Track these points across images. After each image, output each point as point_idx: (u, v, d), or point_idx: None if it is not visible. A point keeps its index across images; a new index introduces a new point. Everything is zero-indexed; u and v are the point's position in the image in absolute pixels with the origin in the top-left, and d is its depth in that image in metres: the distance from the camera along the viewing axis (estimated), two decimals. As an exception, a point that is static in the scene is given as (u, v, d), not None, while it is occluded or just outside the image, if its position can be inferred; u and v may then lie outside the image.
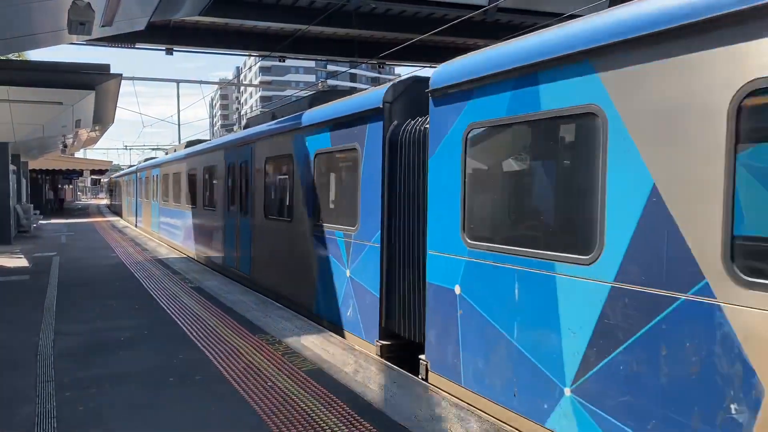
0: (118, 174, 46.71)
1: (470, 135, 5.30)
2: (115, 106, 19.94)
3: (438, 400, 5.55)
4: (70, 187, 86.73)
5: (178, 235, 18.08)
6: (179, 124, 37.00)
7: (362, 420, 5.07)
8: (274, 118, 11.35)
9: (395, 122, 6.77)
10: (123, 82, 16.75)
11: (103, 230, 26.15)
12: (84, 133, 25.94)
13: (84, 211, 47.42)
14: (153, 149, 52.66)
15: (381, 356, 6.93)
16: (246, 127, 12.99)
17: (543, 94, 4.47)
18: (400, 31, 18.23)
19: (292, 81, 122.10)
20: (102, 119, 21.49)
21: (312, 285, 8.76)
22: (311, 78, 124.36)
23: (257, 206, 11.17)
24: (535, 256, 4.53)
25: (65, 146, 25.45)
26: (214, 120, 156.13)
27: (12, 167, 22.85)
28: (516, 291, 4.70)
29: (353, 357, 6.89)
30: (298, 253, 9.20)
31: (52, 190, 56.90)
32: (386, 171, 6.77)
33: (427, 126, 6.08)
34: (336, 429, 4.90)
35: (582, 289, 4.12)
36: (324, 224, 8.27)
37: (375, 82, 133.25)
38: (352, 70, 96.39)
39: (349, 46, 19.34)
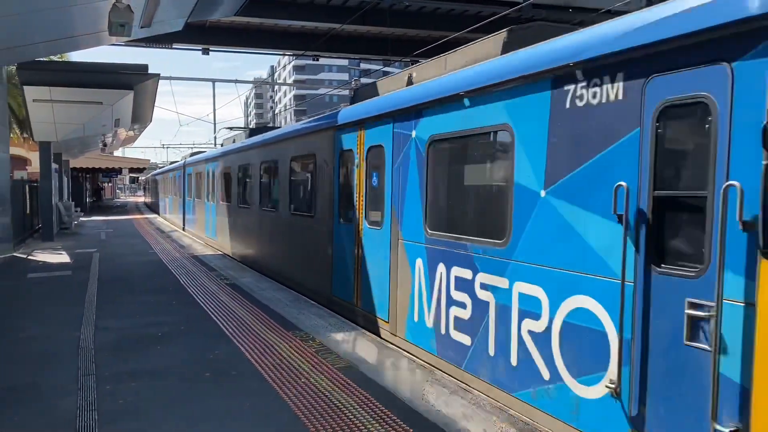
0: (154, 172, 47.49)
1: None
2: (153, 106, 20.34)
3: (474, 399, 5.53)
4: (110, 184, 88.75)
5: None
6: (215, 123, 37.59)
7: (396, 418, 5.09)
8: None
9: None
10: (160, 81, 17.08)
11: (141, 227, 26.69)
12: (123, 132, 26.52)
13: (123, 209, 48.49)
14: (189, 147, 53.45)
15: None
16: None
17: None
18: (433, 28, 18.19)
19: (326, 80, 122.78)
20: (140, 118, 21.93)
21: None
22: (344, 76, 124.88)
23: None
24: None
25: (105, 145, 26.04)
26: (249, 119, 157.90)
27: (54, 166, 23.47)
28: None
29: (386, 354, 6.91)
30: None
31: (92, 187, 58.22)
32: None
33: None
34: (370, 426, 4.93)
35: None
36: None
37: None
38: (385, 68, 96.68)
39: (382, 44, 19.36)
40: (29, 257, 16.28)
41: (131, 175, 75.91)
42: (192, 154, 23.79)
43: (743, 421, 3.50)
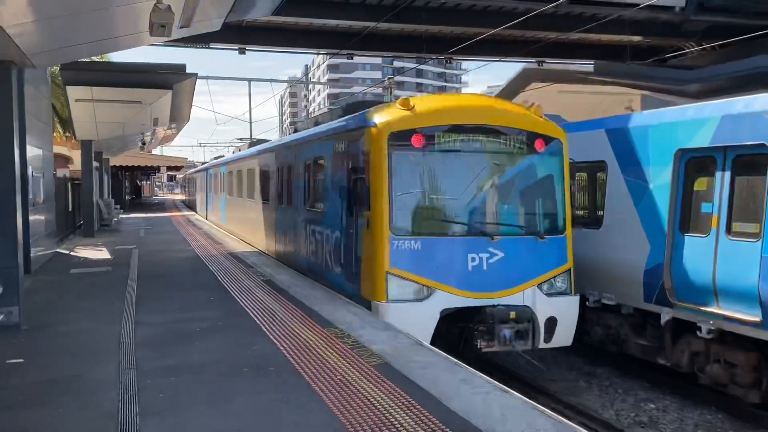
0: (191, 170, 48.18)
1: None
2: (191, 105, 20.62)
3: (513, 399, 5.48)
4: (148, 182, 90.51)
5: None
6: (251, 122, 37.96)
7: (431, 416, 5.06)
8: None
9: None
10: (197, 81, 17.32)
11: (179, 224, 27.14)
12: (161, 131, 26.98)
13: (160, 206, 49.40)
14: (226, 146, 54.31)
15: None
16: None
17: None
18: (468, 25, 18.05)
19: (359, 78, 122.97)
20: (178, 117, 22.26)
21: None
22: (378, 75, 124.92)
23: None
24: None
25: (144, 143, 26.54)
26: (284, 117, 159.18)
27: (95, 164, 24.05)
28: None
29: (421, 352, 6.88)
30: None
31: (131, 185, 59.41)
32: None
33: None
34: (405, 424, 4.92)
35: None
36: None
37: (441, 77, 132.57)
38: (419, 66, 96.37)
39: (416, 42, 19.28)
40: (71, 253, 16.69)
41: (169, 173, 77.26)
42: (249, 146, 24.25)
43: None
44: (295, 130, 15.14)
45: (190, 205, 43.21)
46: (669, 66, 19.44)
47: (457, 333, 7.80)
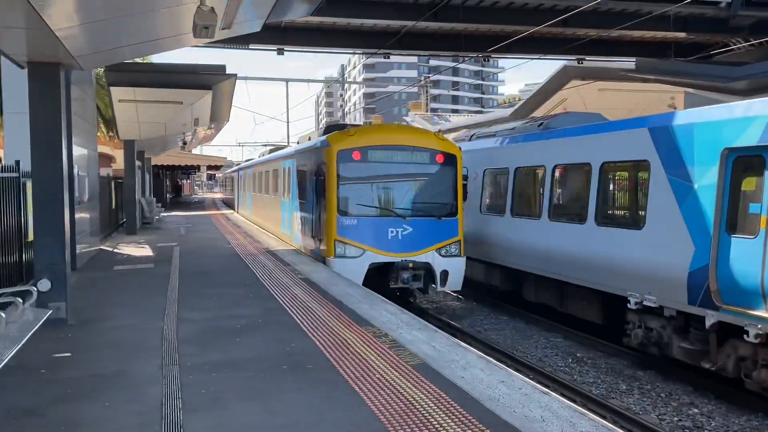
0: (230, 169, 49.00)
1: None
2: (230, 105, 20.91)
3: (550, 401, 5.41)
4: (188, 181, 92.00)
5: None
6: (288, 122, 38.35)
7: (472, 417, 5.03)
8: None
9: None
10: (236, 81, 17.56)
11: (219, 223, 27.55)
12: (201, 131, 27.42)
13: (200, 205, 50.25)
14: (264, 145, 55.26)
15: None
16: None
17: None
18: (507, 23, 17.88)
19: (395, 77, 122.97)
20: (218, 117, 22.61)
21: None
22: (413, 73, 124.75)
23: None
24: None
25: (184, 143, 26.99)
26: (320, 117, 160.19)
27: (137, 163, 24.54)
28: None
29: (460, 352, 6.85)
30: None
31: (171, 184, 60.52)
32: None
33: None
34: (445, 425, 4.89)
35: None
36: None
37: (477, 75, 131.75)
38: (455, 65, 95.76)
39: (454, 41, 19.17)
40: (115, 250, 17.09)
41: (208, 172, 78.52)
42: (271, 151, 26.16)
43: None
44: (297, 143, 20.09)
45: (229, 204, 43.97)
46: (715, 62, 18.93)
47: (379, 278, 11.82)
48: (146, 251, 16.79)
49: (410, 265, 11.99)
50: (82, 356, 6.83)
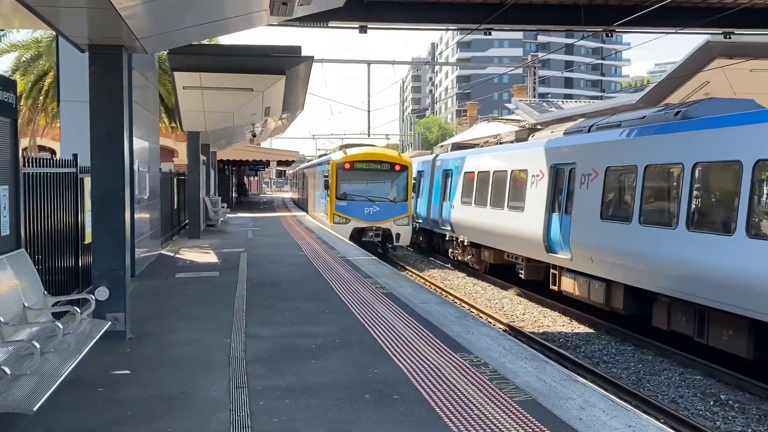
0: (303, 165, 50.21)
1: None
2: (305, 92, 21.36)
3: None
4: (256, 179, 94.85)
5: None
6: (369, 110, 38.74)
7: (591, 467, 4.86)
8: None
9: None
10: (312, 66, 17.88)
11: (289, 226, 28.18)
12: (272, 122, 28.14)
13: (269, 205, 51.58)
14: (340, 138, 56.32)
15: None
16: None
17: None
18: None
19: (495, 57, 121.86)
20: (291, 106, 23.14)
21: None
22: (517, 52, 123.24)
23: None
24: None
25: (254, 135, 27.74)
26: (405, 105, 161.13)
27: (202, 158, 25.44)
28: None
29: (576, 388, 6.65)
30: None
31: (237, 181, 62.47)
32: None
33: None
34: (559, 475, 4.75)
35: None
36: None
37: (596, 54, 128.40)
38: (570, 41, 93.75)
39: (571, 13, 18.65)
40: (176, 255, 17.80)
41: (278, 168, 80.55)
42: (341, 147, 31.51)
43: None
44: (324, 154, 37.58)
45: (301, 205, 45.31)
46: None
47: (359, 236, 23.66)
48: (211, 257, 17.38)
49: (374, 228, 25.02)
50: (142, 374, 7.12)
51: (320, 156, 45.56)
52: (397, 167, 25.85)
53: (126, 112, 8.82)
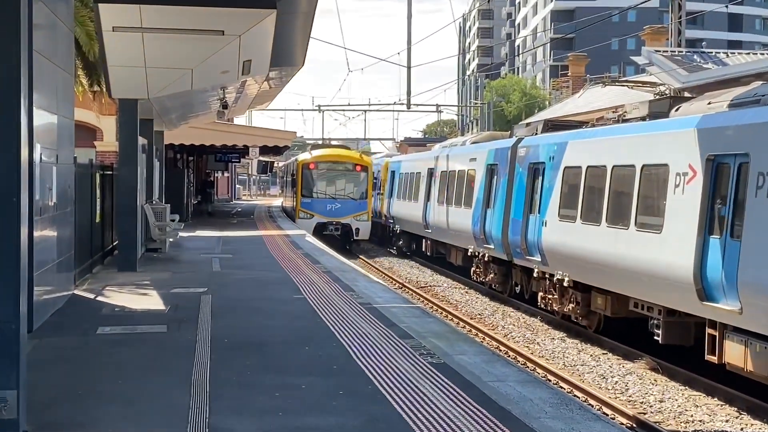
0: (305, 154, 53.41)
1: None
2: (308, 38, 21.41)
3: None
4: (226, 175, 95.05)
5: None
6: (409, 66, 38.78)
7: None
8: None
9: None
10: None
11: (278, 251, 28.17)
12: (254, 84, 28.28)
13: (246, 217, 51.76)
14: (364, 110, 57.90)
15: None
16: None
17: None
18: None
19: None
20: (284, 59, 23.19)
21: None
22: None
23: None
24: None
25: (225, 107, 27.83)
26: (468, 57, 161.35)
27: (141, 141, 25.35)
28: None
29: None
30: None
31: (198, 180, 62.73)
32: None
33: None
34: None
35: None
36: None
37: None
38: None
39: None
40: (99, 297, 17.87)
41: (262, 158, 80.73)
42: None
43: None
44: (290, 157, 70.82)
45: (293, 216, 50.32)
46: None
47: (321, 230, 46.10)
48: (154, 301, 17.43)
49: (335, 223, 46.43)
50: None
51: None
52: (358, 167, 48.34)
53: (24, 67, 8.80)
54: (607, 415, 14.46)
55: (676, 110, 19.98)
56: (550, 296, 24.16)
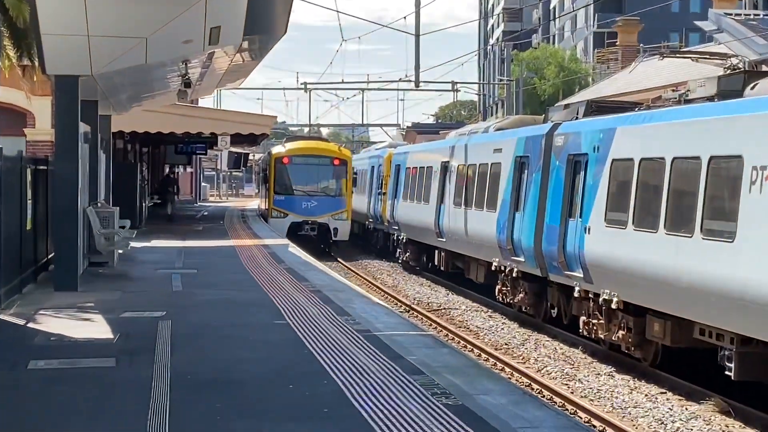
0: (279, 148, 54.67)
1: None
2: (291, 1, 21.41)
3: None
4: (190, 170, 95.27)
5: None
6: (418, 35, 38.93)
7: None
8: None
9: None
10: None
11: (255, 265, 28.22)
12: (224, 57, 28.33)
13: (215, 223, 51.86)
14: (361, 89, 58.23)
15: None
16: None
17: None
18: None
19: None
20: (261, 25, 23.24)
21: None
22: None
23: None
24: None
25: (187, 85, 27.88)
26: (491, 21, 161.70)
27: (83, 128, 25.36)
28: None
29: None
30: None
31: (155, 177, 62.83)
32: None
33: None
34: None
35: None
36: None
37: None
38: None
39: None
40: (30, 324, 17.88)
41: (234, 149, 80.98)
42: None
43: None
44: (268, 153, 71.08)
45: (267, 217, 54.94)
46: None
47: (296, 230, 55.26)
48: (99, 328, 17.42)
49: (311, 222, 55.01)
50: None
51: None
52: (336, 161, 54.85)
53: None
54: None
55: (752, 88, 19.90)
56: (594, 321, 23.87)
